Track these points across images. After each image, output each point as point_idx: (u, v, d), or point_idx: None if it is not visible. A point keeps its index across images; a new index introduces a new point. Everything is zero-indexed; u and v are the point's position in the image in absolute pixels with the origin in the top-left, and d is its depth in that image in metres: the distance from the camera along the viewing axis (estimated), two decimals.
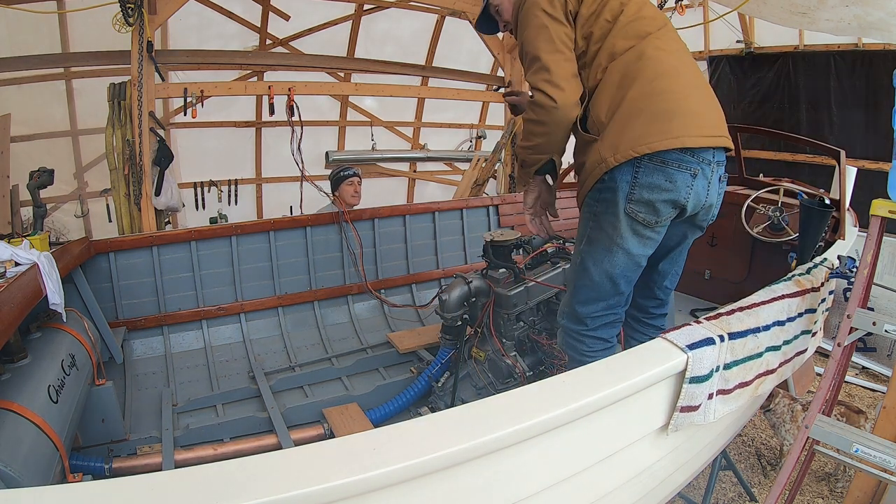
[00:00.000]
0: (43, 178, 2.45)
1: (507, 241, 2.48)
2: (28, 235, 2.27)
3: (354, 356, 2.96)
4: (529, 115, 1.67)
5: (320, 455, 0.87)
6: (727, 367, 1.36)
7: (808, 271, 1.90)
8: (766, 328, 1.50)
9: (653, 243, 1.66)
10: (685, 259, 1.91)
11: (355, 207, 3.50)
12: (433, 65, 6.38)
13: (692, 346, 1.25)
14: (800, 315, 1.72)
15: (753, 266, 3.38)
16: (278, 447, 2.18)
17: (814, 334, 1.88)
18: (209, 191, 6.15)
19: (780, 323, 1.58)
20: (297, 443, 2.24)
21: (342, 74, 6.28)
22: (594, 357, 1.67)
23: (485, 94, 6.17)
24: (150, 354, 2.84)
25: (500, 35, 5.39)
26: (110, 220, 3.96)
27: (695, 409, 1.29)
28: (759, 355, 1.47)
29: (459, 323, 2.49)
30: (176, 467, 2.00)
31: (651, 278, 1.86)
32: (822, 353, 3.85)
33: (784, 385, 2.89)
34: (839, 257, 2.06)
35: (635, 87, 1.55)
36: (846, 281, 2.01)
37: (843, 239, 2.43)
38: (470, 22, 5.24)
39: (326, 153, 6.77)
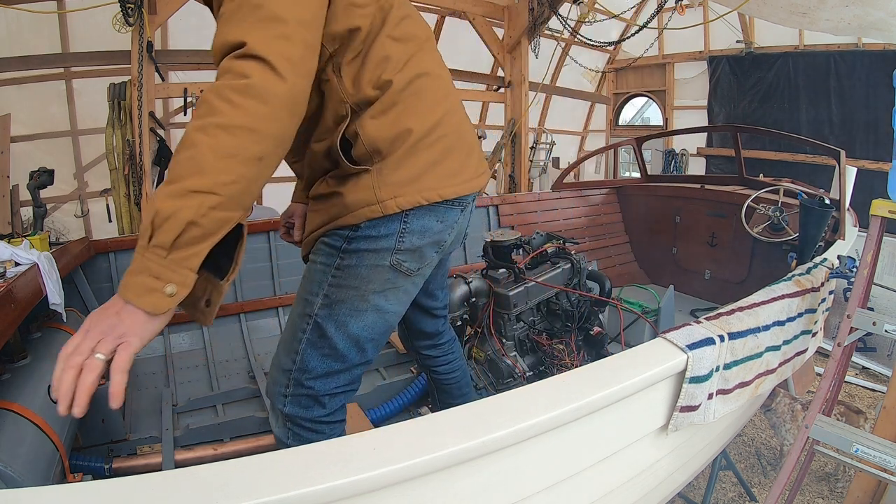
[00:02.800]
0: (43, 178, 2.45)
1: (507, 241, 2.48)
2: (28, 235, 2.26)
3: None
4: (227, 113, 0.86)
5: (320, 455, 0.86)
6: (727, 367, 1.36)
7: (808, 271, 1.90)
8: (766, 328, 1.50)
9: (409, 297, 1.33)
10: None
11: None
12: None
13: (692, 346, 1.25)
14: (800, 315, 1.72)
15: (753, 266, 3.38)
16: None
17: (814, 334, 1.88)
18: None
19: (780, 323, 1.58)
20: None
21: None
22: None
23: (485, 94, 6.18)
24: (150, 354, 2.83)
25: (499, 34, 5.38)
26: (110, 220, 3.96)
27: (694, 409, 1.29)
28: (759, 355, 1.48)
29: (459, 323, 2.49)
30: (176, 467, 2.00)
31: (430, 306, 1.66)
32: (822, 353, 3.85)
33: (784, 385, 2.89)
34: (839, 257, 2.06)
35: (426, 112, 1.20)
36: (846, 281, 2.01)
37: (843, 239, 2.43)
38: (470, 22, 5.23)
39: None
